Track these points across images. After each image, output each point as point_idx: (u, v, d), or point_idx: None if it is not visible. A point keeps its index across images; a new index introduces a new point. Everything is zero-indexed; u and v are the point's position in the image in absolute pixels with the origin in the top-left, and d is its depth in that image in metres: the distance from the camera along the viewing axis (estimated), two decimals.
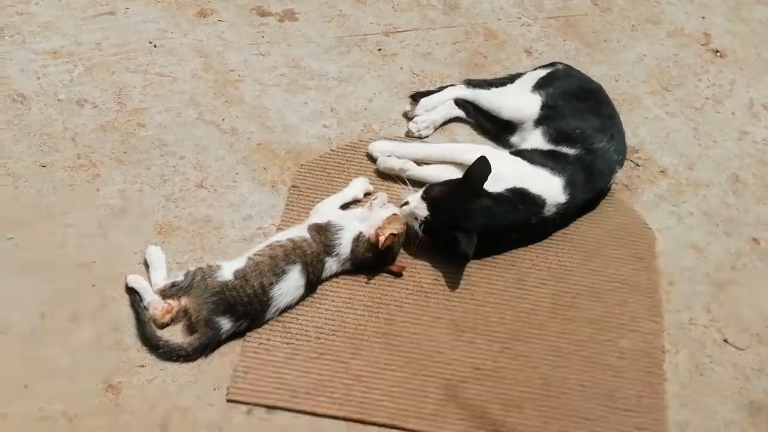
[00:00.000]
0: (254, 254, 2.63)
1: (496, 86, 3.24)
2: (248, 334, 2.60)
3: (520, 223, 2.80)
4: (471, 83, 3.27)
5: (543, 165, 2.86)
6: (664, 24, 3.76)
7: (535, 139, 3.00)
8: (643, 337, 2.71)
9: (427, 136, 3.19)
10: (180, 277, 2.58)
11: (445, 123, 3.23)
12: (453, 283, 2.78)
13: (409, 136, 3.17)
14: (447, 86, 3.29)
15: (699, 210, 3.09)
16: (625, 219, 3.02)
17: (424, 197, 2.75)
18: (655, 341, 2.71)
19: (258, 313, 2.59)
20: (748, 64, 3.63)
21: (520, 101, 3.11)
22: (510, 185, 2.79)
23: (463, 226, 2.71)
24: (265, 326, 2.62)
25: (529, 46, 3.59)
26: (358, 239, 2.72)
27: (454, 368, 2.60)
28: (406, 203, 2.78)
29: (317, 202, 2.89)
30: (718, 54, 3.65)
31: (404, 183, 2.93)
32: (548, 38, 3.63)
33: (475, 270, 2.81)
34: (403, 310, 2.71)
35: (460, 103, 3.23)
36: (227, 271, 2.58)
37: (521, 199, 2.79)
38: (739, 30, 3.77)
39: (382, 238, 2.67)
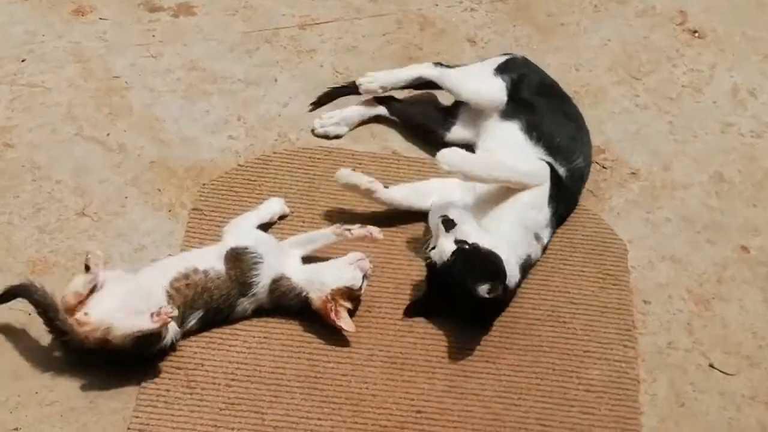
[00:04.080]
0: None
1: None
2: (143, 384, 2.69)
3: None
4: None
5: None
6: (632, 2, 3.94)
7: (509, 138, 3.14)
8: (613, 366, 2.84)
9: (336, 137, 3.33)
10: None
11: (363, 123, 3.38)
12: (388, 314, 2.91)
13: (315, 134, 3.32)
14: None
15: (677, 215, 3.26)
16: (590, 230, 3.17)
17: None
18: (629, 370, 2.84)
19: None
20: (731, 45, 3.81)
21: (485, 82, 3.26)
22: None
23: None
24: (164, 374, 2.71)
25: (473, 34, 3.75)
26: (278, 282, 2.83)
27: (392, 413, 2.71)
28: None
29: (224, 225, 3.00)
30: (696, 34, 3.84)
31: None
32: (495, 24, 3.80)
33: (407, 289, 2.95)
34: (329, 347, 2.83)
35: (383, 99, 3.38)
36: None
37: None
38: (719, 6, 3.96)
39: (337, 321, 2.79)
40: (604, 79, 3.65)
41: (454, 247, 2.80)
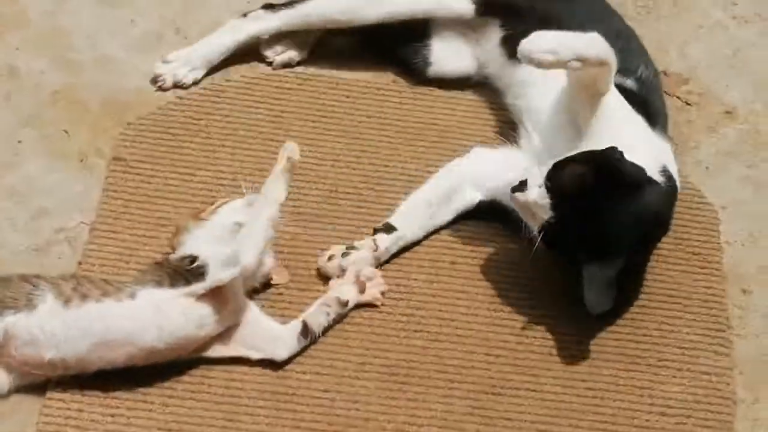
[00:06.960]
0: None
1: None
2: (46, 401, 2.67)
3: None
4: None
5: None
6: None
7: None
8: (700, 381, 2.85)
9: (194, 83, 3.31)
10: None
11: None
12: (387, 305, 2.92)
13: (161, 86, 3.29)
14: None
15: None
16: None
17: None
18: (721, 386, 2.85)
19: None
20: None
21: None
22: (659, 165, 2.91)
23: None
24: (74, 387, 2.69)
25: None
26: None
27: None
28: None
29: (156, 181, 3.03)
30: None
31: None
32: None
33: (414, 274, 2.96)
34: (305, 353, 2.82)
35: None
36: None
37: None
38: None
39: None
40: None
41: (542, 185, 2.77)
